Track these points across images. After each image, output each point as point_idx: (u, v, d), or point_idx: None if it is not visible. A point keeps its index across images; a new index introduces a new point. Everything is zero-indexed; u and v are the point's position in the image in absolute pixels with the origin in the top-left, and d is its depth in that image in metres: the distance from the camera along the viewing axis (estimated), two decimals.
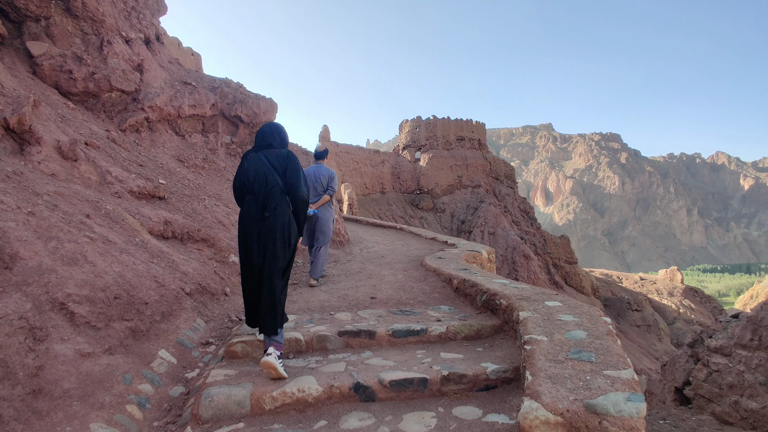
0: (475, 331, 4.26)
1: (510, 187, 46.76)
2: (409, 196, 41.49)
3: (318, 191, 6.58)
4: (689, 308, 49.03)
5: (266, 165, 3.76)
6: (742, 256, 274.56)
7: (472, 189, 42.35)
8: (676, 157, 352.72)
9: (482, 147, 47.77)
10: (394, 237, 12.07)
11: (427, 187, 41.74)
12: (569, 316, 3.72)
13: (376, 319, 4.65)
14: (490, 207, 38.49)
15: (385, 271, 6.87)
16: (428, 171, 42.10)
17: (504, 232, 35.33)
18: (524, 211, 45.27)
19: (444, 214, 39.46)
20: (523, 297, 4.31)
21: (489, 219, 36.67)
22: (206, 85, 10.54)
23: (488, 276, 5.62)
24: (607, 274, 60.22)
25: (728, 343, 5.74)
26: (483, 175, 44.74)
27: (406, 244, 10.54)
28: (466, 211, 39.76)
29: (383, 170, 41.73)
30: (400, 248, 9.83)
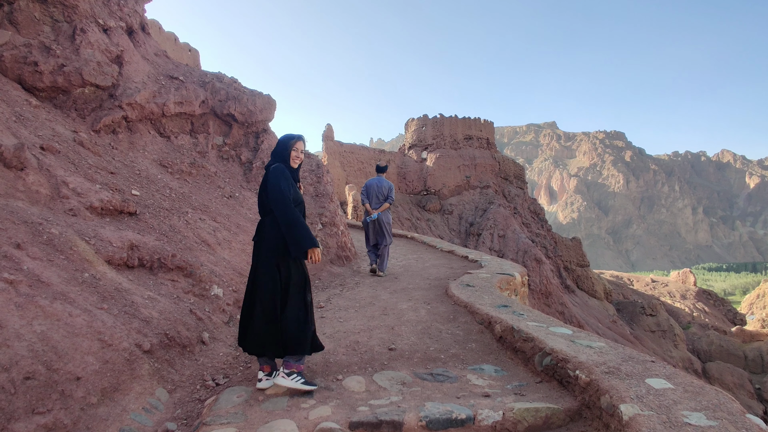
0: (543, 418, 3.00)
1: (519, 188, 45.39)
2: (415, 197, 40.12)
3: (380, 199, 7.80)
4: (703, 312, 47.67)
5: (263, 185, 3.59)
6: (747, 254, 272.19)
7: (480, 190, 40.98)
8: (681, 156, 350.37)
9: (491, 146, 46.38)
10: (405, 249, 10.84)
11: (434, 188, 40.37)
12: (700, 416, 2.47)
13: (400, 392, 3.42)
14: (500, 208, 37.14)
15: (402, 304, 5.63)
16: (435, 171, 40.73)
17: (514, 234, 34.01)
18: (534, 212, 43.90)
19: (452, 215, 38.11)
20: (610, 370, 3.06)
21: (499, 221, 35.33)
22: (196, 80, 9.31)
23: (542, 320, 4.37)
24: (617, 276, 58.89)
25: None
26: (492, 175, 43.35)
27: (420, 259, 9.30)
28: (474, 212, 38.41)
29: (389, 170, 40.29)
30: (415, 265, 8.59)
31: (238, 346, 4.00)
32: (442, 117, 44.05)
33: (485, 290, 5.71)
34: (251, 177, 8.37)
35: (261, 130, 9.06)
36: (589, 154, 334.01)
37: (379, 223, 7.69)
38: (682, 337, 39.22)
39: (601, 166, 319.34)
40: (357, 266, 8.33)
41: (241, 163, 8.68)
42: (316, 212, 8.05)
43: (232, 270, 5.66)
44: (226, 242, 6.09)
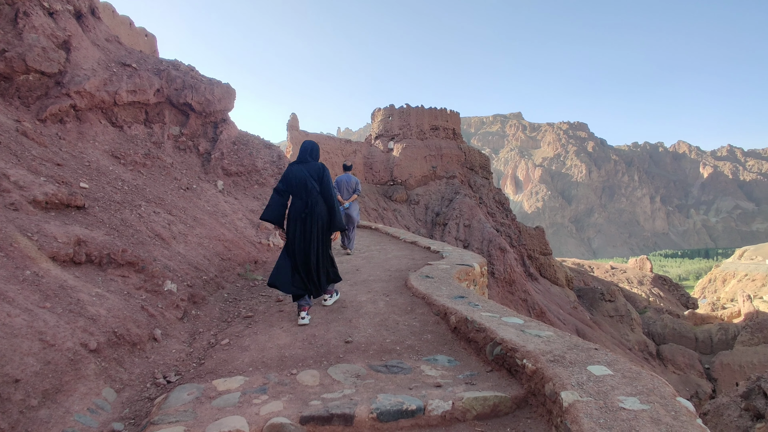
0: (491, 407, 3.07)
1: (485, 178, 46.01)
2: (382, 187, 40.14)
3: (350, 192, 9.06)
4: (658, 296, 49.76)
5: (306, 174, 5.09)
6: (700, 241, 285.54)
7: (446, 180, 41.33)
8: (641, 146, 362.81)
9: (457, 137, 46.76)
10: (369, 240, 10.84)
11: (400, 178, 40.45)
12: (634, 400, 2.58)
13: (354, 384, 3.44)
14: (466, 198, 37.58)
15: (362, 296, 5.64)
16: (402, 161, 40.80)
17: (480, 224, 34.52)
18: (499, 202, 44.64)
19: (418, 206, 38.36)
20: (555, 358, 3.15)
21: (464, 211, 35.77)
22: (150, 68, 8.99)
23: (495, 310, 4.46)
24: (578, 263, 60.72)
25: None
26: (458, 165, 43.76)
27: (383, 251, 9.32)
28: (440, 202, 38.75)
29: (355, 160, 40.21)
30: (378, 257, 8.62)
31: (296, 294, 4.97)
32: (408, 107, 44.08)
33: (444, 281, 5.78)
34: (210, 168, 8.18)
35: (220, 120, 8.85)
36: (554, 145, 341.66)
37: (348, 212, 9.08)
38: (639, 321, 40.88)
39: (564, 157, 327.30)
40: None
41: (199, 154, 8.47)
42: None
43: (188, 264, 5.54)
44: (182, 236, 5.95)
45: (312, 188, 5.06)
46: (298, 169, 5.12)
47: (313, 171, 5.14)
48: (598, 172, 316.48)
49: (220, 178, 7.68)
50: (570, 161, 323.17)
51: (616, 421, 2.34)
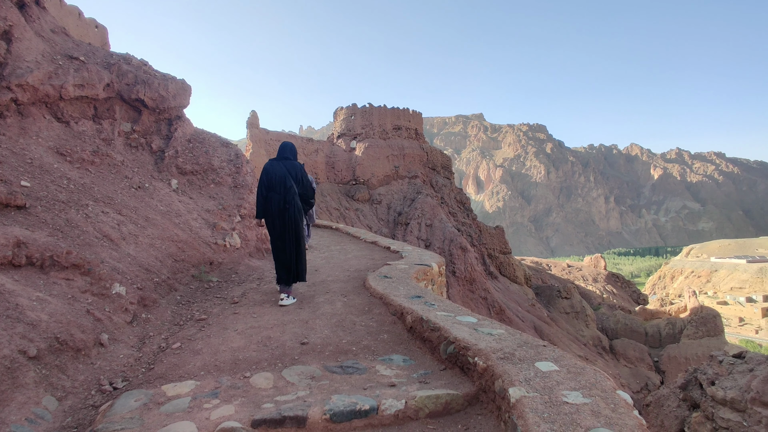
0: (444, 404, 3.12)
1: (447, 178, 46.57)
2: (344, 186, 39.99)
3: None
4: (612, 293, 51.68)
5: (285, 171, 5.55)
6: (651, 240, 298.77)
7: (409, 180, 41.60)
8: (596, 148, 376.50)
9: (419, 137, 47.13)
10: (329, 240, 10.79)
11: (363, 178, 40.42)
12: (577, 395, 2.68)
13: (308, 386, 3.42)
14: (427, 198, 37.94)
15: (319, 297, 5.61)
16: (364, 161, 40.78)
17: (441, 224, 34.93)
18: (460, 202, 45.29)
19: (380, 205, 38.44)
20: (506, 355, 3.23)
21: (426, 211, 36.11)
22: (100, 61, 8.63)
23: (450, 309, 4.52)
24: (537, 262, 62.33)
25: (742, 396, 5.06)
26: (420, 165, 44.11)
27: (343, 251, 9.30)
28: (403, 202, 38.98)
29: (317, 159, 39.89)
30: (337, 257, 8.58)
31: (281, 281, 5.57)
32: (371, 107, 44.10)
33: (402, 281, 5.82)
34: (163, 167, 7.93)
35: (174, 117, 8.59)
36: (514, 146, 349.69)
37: None
38: (593, 318, 42.38)
39: (524, 157, 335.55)
40: None
41: (152, 152, 8.19)
42: (235, 204, 7.76)
43: (138, 266, 5.36)
44: (132, 237, 5.75)
45: (290, 185, 5.51)
46: (278, 165, 5.58)
47: (292, 169, 5.63)
48: (556, 173, 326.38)
49: (174, 177, 7.46)
50: (529, 162, 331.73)
51: (559, 415, 2.42)
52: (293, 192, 5.52)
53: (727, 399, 5.12)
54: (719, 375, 5.50)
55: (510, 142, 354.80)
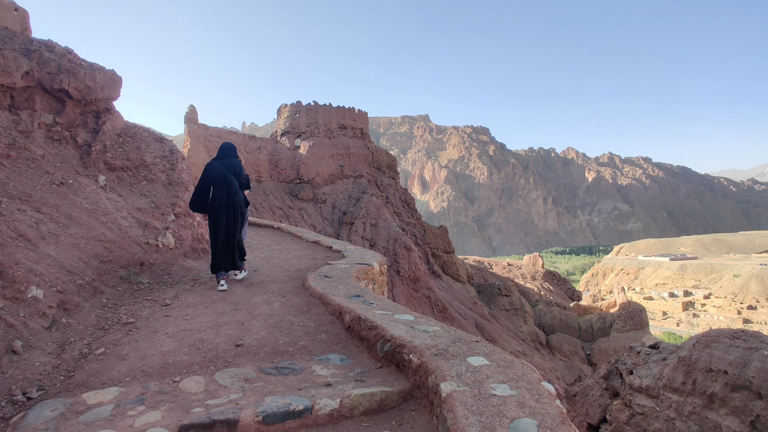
0: (378, 402, 3.14)
1: (392, 178, 46.91)
2: (288, 185, 39.31)
3: None
4: (549, 290, 53.96)
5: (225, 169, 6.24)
6: (585, 239, 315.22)
7: (354, 179, 41.55)
8: (536, 151, 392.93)
9: (364, 136, 47.18)
10: (270, 240, 10.57)
11: (307, 177, 39.92)
12: (505, 387, 2.79)
13: (241, 388, 3.33)
14: (372, 198, 38.06)
15: (257, 297, 5.49)
16: (309, 159, 40.30)
17: (386, 223, 35.14)
18: (405, 202, 45.76)
19: (325, 205, 38.14)
20: (439, 351, 3.30)
21: (371, 210, 36.21)
22: (18, 47, 8.01)
23: (389, 308, 4.56)
24: (479, 261, 64.07)
25: (655, 384, 5.42)
26: (365, 165, 44.16)
27: (284, 250, 9.14)
28: (348, 202, 38.88)
29: (260, 157, 38.98)
30: (277, 257, 8.43)
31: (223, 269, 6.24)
32: (316, 105, 43.66)
33: (342, 281, 5.80)
34: (90, 162, 7.47)
35: (103, 110, 8.12)
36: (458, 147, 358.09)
37: None
38: (531, 314, 44.14)
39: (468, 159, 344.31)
40: None
41: (77, 146, 7.70)
42: (169, 202, 7.41)
43: (59, 268, 5.02)
44: (52, 236, 5.38)
45: (231, 182, 6.22)
46: (218, 164, 6.25)
47: (231, 167, 6.32)
48: (498, 175, 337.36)
49: (102, 173, 7.04)
50: (473, 163, 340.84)
51: (486, 407, 2.50)
52: (235, 186, 6.26)
53: (643, 386, 5.51)
54: (637, 365, 5.91)
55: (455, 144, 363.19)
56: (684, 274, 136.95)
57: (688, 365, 5.17)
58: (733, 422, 4.51)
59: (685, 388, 5.04)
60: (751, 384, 4.47)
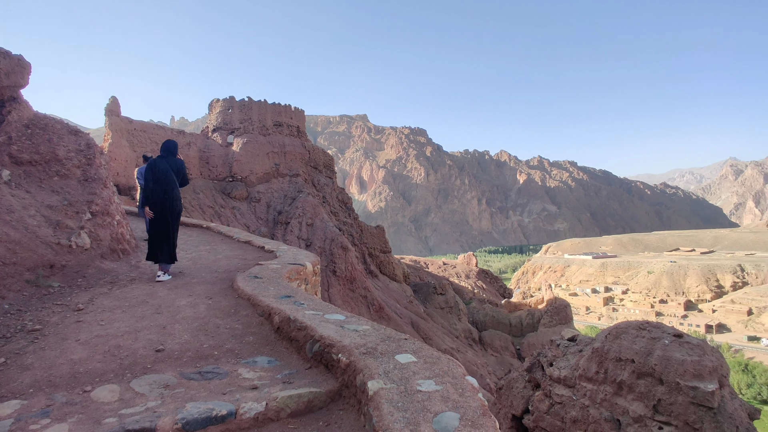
0: (306, 403, 3.10)
1: (329, 177, 46.57)
2: (220, 183, 37.89)
3: None
4: (482, 288, 55.79)
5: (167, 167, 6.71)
6: (516, 239, 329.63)
7: (290, 178, 40.81)
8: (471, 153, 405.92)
9: (301, 134, 46.50)
10: (199, 240, 10.14)
11: (240, 175, 38.67)
12: (430, 383, 2.84)
13: (160, 396, 3.17)
14: (309, 197, 37.58)
15: (182, 300, 5.24)
16: (242, 157, 39.09)
17: (322, 223, 34.84)
18: (342, 201, 45.60)
19: (259, 204, 37.17)
20: (368, 350, 3.31)
21: (307, 210, 35.74)
22: None
23: (320, 308, 4.51)
24: (415, 260, 65.11)
25: (572, 374, 5.73)
26: (301, 163, 43.52)
27: (213, 251, 8.81)
28: (283, 201, 38.12)
29: (189, 153, 37.25)
30: (206, 257, 8.11)
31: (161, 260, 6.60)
32: (250, 100, 42.44)
33: (272, 281, 5.67)
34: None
35: (8, 99, 7.42)
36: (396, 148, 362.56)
37: None
38: (465, 312, 45.45)
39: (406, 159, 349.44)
40: (137, 260, 7.45)
41: None
42: (84, 200, 6.89)
43: None
44: None
45: (171, 179, 6.67)
46: (162, 163, 6.69)
47: (174, 165, 6.79)
48: (435, 176, 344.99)
49: (6, 167, 6.43)
50: (411, 164, 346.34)
51: (412, 403, 2.54)
52: (173, 185, 6.69)
53: (561, 377, 5.85)
54: (556, 357, 6.26)
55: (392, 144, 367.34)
56: (605, 272, 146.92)
57: (600, 356, 5.56)
58: (638, 407, 4.92)
59: (598, 377, 5.42)
60: (653, 371, 4.90)
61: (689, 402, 4.58)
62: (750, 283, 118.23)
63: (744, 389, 69.49)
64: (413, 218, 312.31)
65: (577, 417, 5.38)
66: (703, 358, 4.76)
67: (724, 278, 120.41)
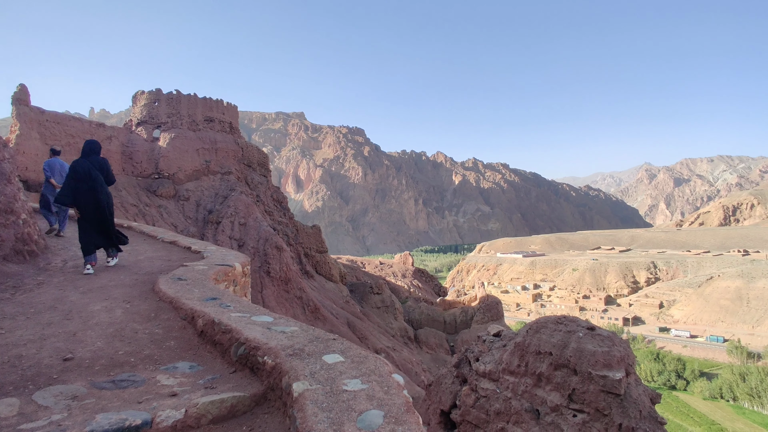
0: (229, 408, 3.00)
1: (263, 175, 45.42)
2: (145, 180, 35.78)
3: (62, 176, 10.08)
4: (417, 287, 56.72)
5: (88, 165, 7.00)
6: (452, 238, 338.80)
7: (221, 176, 39.38)
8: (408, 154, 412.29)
9: (234, 131, 45.01)
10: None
11: (168, 172, 36.74)
12: (357, 382, 2.85)
13: (67, 408, 2.94)
14: (242, 196, 36.45)
15: (96, 304, 4.90)
16: (170, 153, 37.19)
17: (256, 223, 33.92)
18: (277, 200, 44.67)
19: (188, 202, 35.55)
20: (295, 352, 3.26)
21: (240, 209, 34.66)
22: None
23: (247, 310, 4.38)
24: (352, 260, 65.10)
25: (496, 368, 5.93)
26: (234, 161, 42.12)
27: (134, 252, 8.31)
28: (214, 199, 36.71)
29: (110, 148, 34.88)
30: (126, 258, 7.64)
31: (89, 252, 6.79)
32: (179, 94, 40.47)
33: (198, 283, 5.44)
34: None
35: None
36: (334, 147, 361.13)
37: None
38: (401, 310, 46.02)
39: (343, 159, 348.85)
40: (46, 262, 6.87)
41: None
42: None
43: None
44: None
45: (96, 176, 6.95)
46: (84, 162, 6.94)
47: (96, 164, 7.08)
48: (373, 176, 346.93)
49: None
50: (348, 164, 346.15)
51: (337, 403, 2.53)
52: (100, 180, 6.97)
53: (486, 372, 6.09)
54: (482, 352, 6.50)
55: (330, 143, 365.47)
56: (534, 269, 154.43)
57: (522, 349, 5.84)
58: (555, 396, 5.22)
59: (520, 370, 5.69)
60: (569, 362, 5.22)
61: (599, 390, 4.94)
62: (661, 278, 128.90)
63: (656, 376, 75.69)
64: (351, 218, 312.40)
65: (500, 409, 5.61)
66: (612, 349, 5.15)
67: (640, 274, 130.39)
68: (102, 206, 6.98)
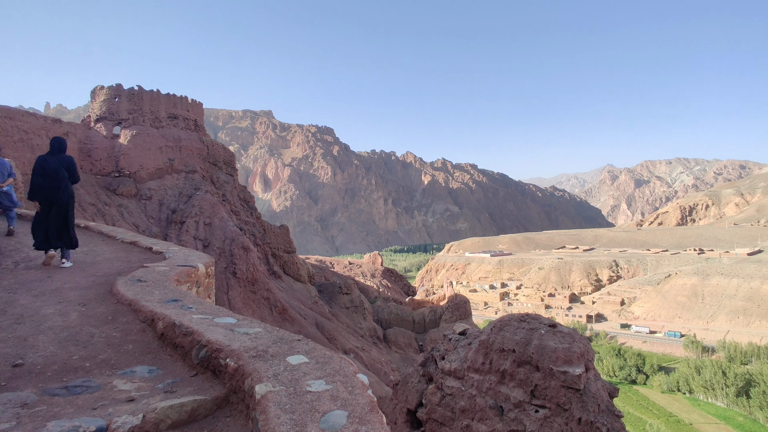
0: (189, 412, 2.92)
1: (229, 174, 44.55)
2: (104, 179, 34.49)
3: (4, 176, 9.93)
4: (387, 287, 56.85)
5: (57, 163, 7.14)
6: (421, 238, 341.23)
7: (186, 174, 38.41)
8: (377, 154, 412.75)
9: (199, 128, 43.99)
10: None
11: (128, 170, 35.55)
12: (321, 383, 2.83)
13: (16, 416, 2.81)
14: (207, 195, 35.66)
15: (49, 308, 4.69)
16: (131, 150, 35.99)
17: (222, 222, 33.25)
18: (244, 200, 43.91)
19: (150, 201, 34.51)
20: (259, 353, 3.21)
21: (205, 208, 33.90)
22: None
23: (209, 311, 4.28)
24: (321, 260, 64.71)
25: (461, 366, 5.99)
26: (199, 159, 41.15)
27: (91, 253, 8.01)
28: (178, 199, 35.77)
29: (68, 145, 33.23)
30: (82, 260, 7.35)
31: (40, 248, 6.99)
32: (141, 89, 39.23)
33: (158, 285, 5.29)
34: None
35: None
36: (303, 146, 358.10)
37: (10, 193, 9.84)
38: (370, 310, 46.04)
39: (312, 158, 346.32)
40: None
41: None
42: None
43: None
44: None
45: (62, 175, 7.05)
46: (51, 159, 7.06)
47: (63, 162, 7.20)
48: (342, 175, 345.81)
49: None
50: (317, 163, 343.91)
51: (300, 404, 2.51)
52: (66, 179, 7.09)
53: (452, 370, 6.17)
54: (448, 351, 6.58)
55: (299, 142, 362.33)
56: (501, 269, 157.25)
57: (486, 347, 5.94)
58: (518, 393, 5.34)
59: (484, 367, 5.78)
60: (531, 359, 5.35)
61: (560, 385, 5.09)
62: (623, 276, 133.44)
63: (617, 371, 78.23)
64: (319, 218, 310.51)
65: (465, 407, 5.69)
66: (573, 345, 5.30)
67: (602, 273, 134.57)
68: (64, 205, 7.06)
